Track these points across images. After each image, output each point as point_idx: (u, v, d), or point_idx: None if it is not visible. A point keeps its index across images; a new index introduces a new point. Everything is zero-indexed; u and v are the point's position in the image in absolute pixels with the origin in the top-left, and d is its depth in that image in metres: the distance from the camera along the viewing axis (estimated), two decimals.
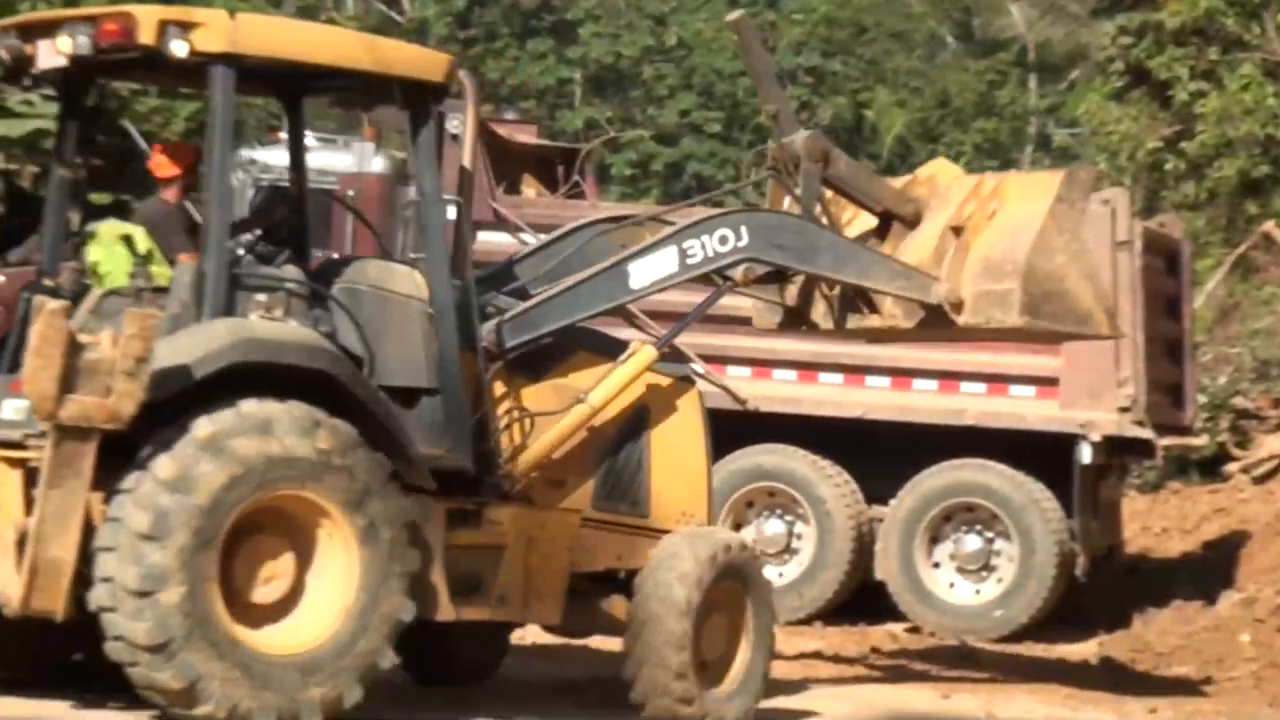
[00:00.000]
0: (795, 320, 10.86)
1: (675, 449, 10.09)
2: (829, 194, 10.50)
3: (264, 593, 8.73)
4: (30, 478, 8.53)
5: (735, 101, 46.51)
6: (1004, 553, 15.23)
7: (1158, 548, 18.70)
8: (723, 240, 9.92)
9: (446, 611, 9.20)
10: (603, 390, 9.74)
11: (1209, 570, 16.58)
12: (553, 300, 9.78)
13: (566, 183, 16.70)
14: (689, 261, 9.89)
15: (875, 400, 15.53)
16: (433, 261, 9.47)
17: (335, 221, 14.81)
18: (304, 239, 10.04)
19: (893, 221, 10.57)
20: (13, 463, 8.65)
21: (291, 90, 10.03)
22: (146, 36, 8.90)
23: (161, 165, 10.07)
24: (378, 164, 15.14)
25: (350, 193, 14.46)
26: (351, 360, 9.14)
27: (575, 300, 9.80)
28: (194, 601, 8.35)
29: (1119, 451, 15.83)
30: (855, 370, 15.47)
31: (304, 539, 8.79)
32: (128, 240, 9.52)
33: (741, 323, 11.98)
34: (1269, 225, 25.61)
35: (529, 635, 11.11)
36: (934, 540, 15.39)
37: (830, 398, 15.49)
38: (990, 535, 15.32)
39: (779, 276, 10.54)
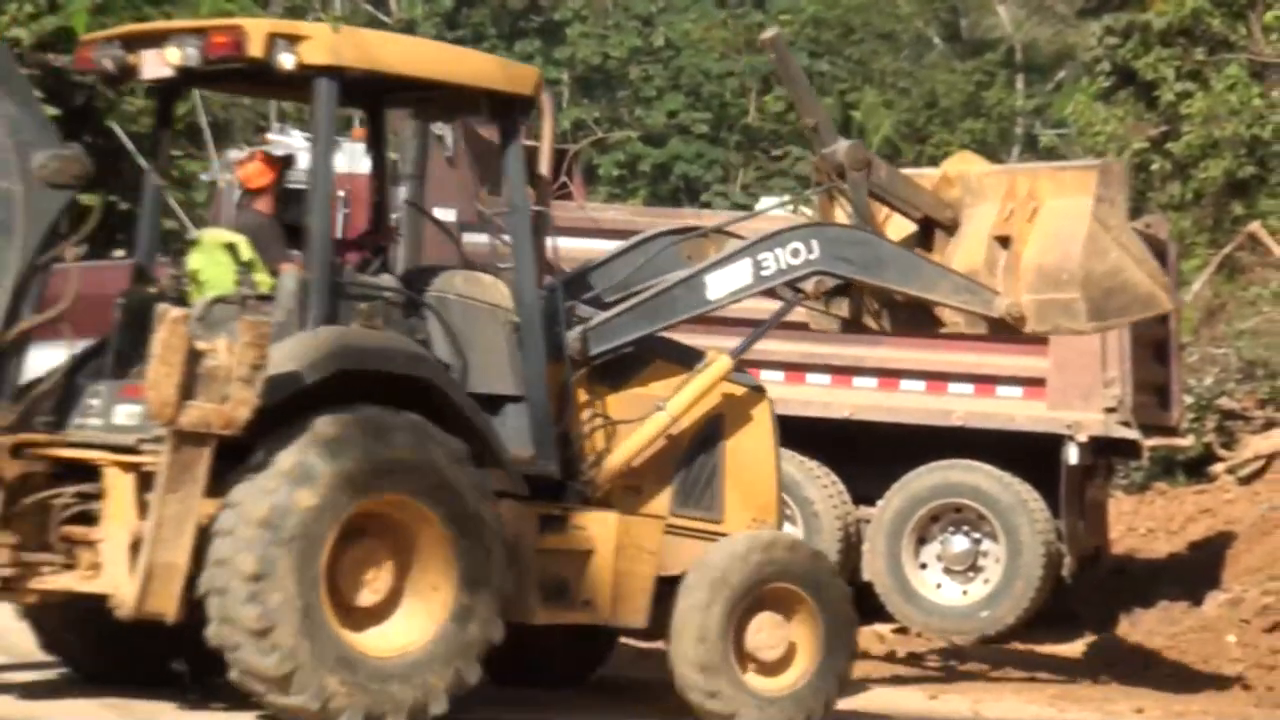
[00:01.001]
0: (853, 326, 11.04)
1: (747, 455, 10.25)
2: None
3: (364, 595, 8.93)
4: (144, 482, 8.67)
5: (723, 102, 46.53)
6: (991, 553, 15.24)
7: (1144, 548, 18.73)
8: (794, 253, 10.11)
9: (536, 616, 9.43)
10: (680, 399, 9.94)
11: (1195, 571, 16.60)
12: (634, 310, 9.96)
13: (554, 183, 16.70)
14: (763, 273, 10.10)
15: (863, 401, 15.53)
16: (520, 271, 9.65)
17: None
18: (391, 246, 10.25)
19: (934, 228, 10.74)
20: (126, 467, 8.77)
21: (378, 100, 10.21)
22: (255, 49, 9.09)
23: (255, 175, 10.13)
24: (368, 164, 15.12)
25: (342, 193, 14.46)
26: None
27: (655, 310, 9.99)
28: (301, 593, 8.54)
29: (1105, 452, 15.87)
30: (843, 371, 15.48)
31: (406, 546, 8.97)
32: (230, 248, 9.63)
33: (729, 324, 11.96)
34: (1254, 226, 25.65)
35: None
36: (921, 541, 15.40)
37: (818, 399, 15.49)
38: (977, 536, 15.33)
39: (847, 289, 10.66)
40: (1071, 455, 14.90)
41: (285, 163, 10.24)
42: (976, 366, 15.14)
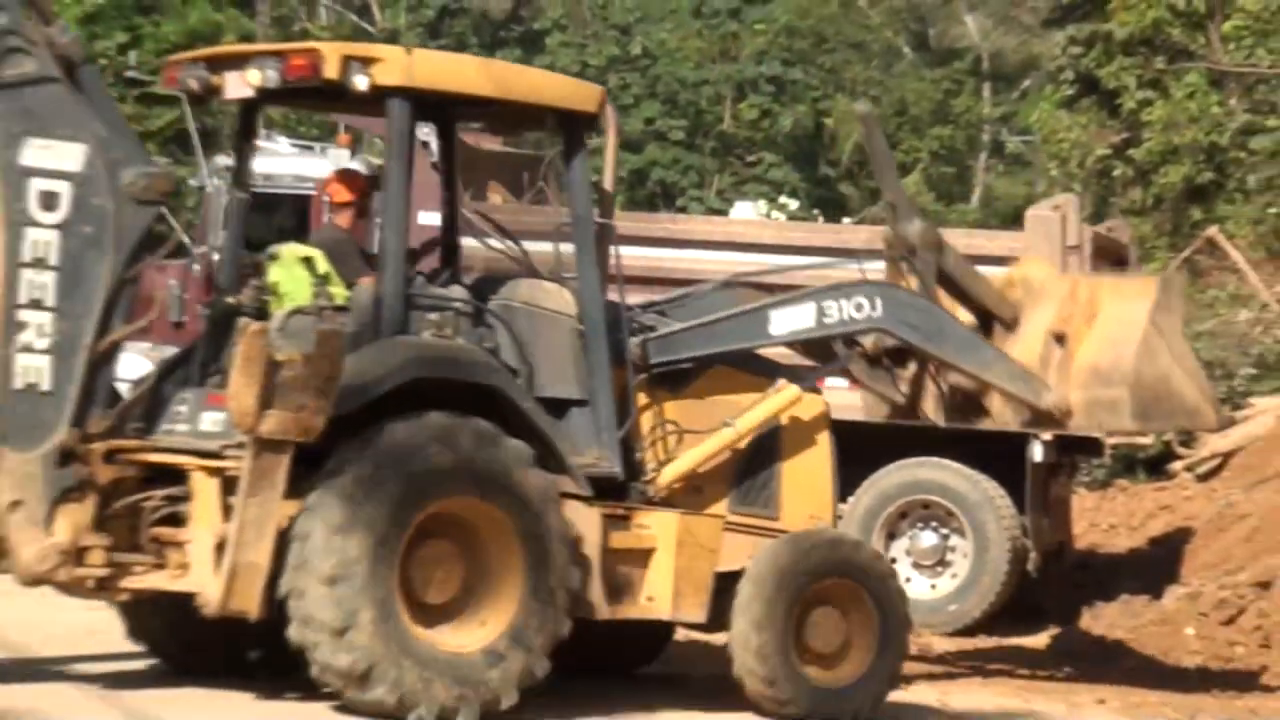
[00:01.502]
0: (905, 412, 11.09)
1: (804, 457, 10.33)
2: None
3: (436, 593, 9.06)
4: (227, 486, 8.83)
5: (698, 109, 46.53)
6: (959, 549, 15.25)
7: (1106, 543, 18.77)
8: (859, 307, 10.21)
9: (601, 611, 9.51)
10: (747, 420, 10.03)
11: (1155, 565, 16.65)
12: (697, 330, 10.10)
13: (531, 189, 16.70)
14: (825, 320, 10.22)
15: (833, 400, 15.51)
16: (584, 279, 9.77)
17: (313, 224, 14.77)
18: (457, 257, 10.35)
19: (993, 322, 10.80)
20: (210, 471, 8.92)
21: (448, 117, 10.34)
22: (331, 71, 9.25)
23: (337, 192, 10.34)
24: (353, 170, 15.14)
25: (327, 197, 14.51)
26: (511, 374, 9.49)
27: (716, 334, 10.14)
28: (376, 593, 8.70)
29: (1069, 450, 15.87)
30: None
31: (475, 546, 9.10)
32: (308, 262, 9.75)
33: None
34: (1212, 230, 25.69)
35: None
36: (891, 536, 15.40)
37: None
38: (946, 532, 15.34)
39: (902, 357, 10.74)
40: (1037, 453, 14.90)
41: (369, 181, 10.47)
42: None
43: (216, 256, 14.53)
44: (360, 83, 9.26)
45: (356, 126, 16.14)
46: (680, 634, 10.94)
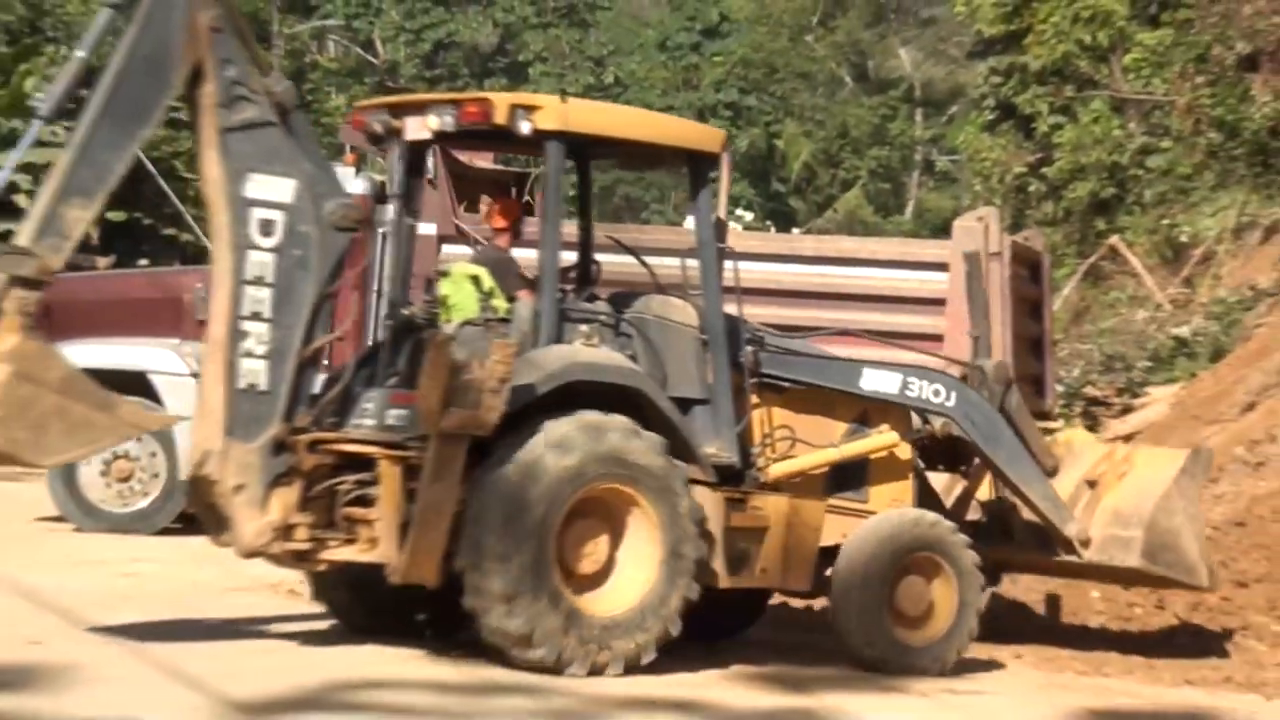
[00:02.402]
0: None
1: (888, 456, 10.42)
2: None
3: (586, 564, 9.20)
4: (409, 473, 9.00)
5: None
6: None
7: None
8: (936, 392, 10.34)
9: (723, 581, 9.67)
10: (850, 448, 10.22)
11: None
12: (801, 357, 10.31)
13: (519, 201, 16.63)
14: (906, 392, 10.32)
15: None
16: (708, 295, 9.89)
17: None
18: (593, 275, 10.47)
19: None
20: (394, 460, 9.07)
21: (586, 155, 10.43)
22: (500, 118, 9.42)
23: (496, 218, 10.50)
24: (358, 185, 15.03)
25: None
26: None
27: (815, 366, 10.31)
28: (538, 566, 8.90)
29: None
30: None
31: (619, 524, 9.25)
32: (475, 279, 9.92)
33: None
34: (1114, 240, 25.82)
35: None
36: None
37: None
38: None
39: (956, 458, 10.78)
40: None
41: (524, 209, 10.67)
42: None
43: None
44: (524, 127, 9.42)
45: (361, 146, 15.99)
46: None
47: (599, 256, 10.52)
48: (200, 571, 12.34)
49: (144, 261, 23.07)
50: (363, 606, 9.86)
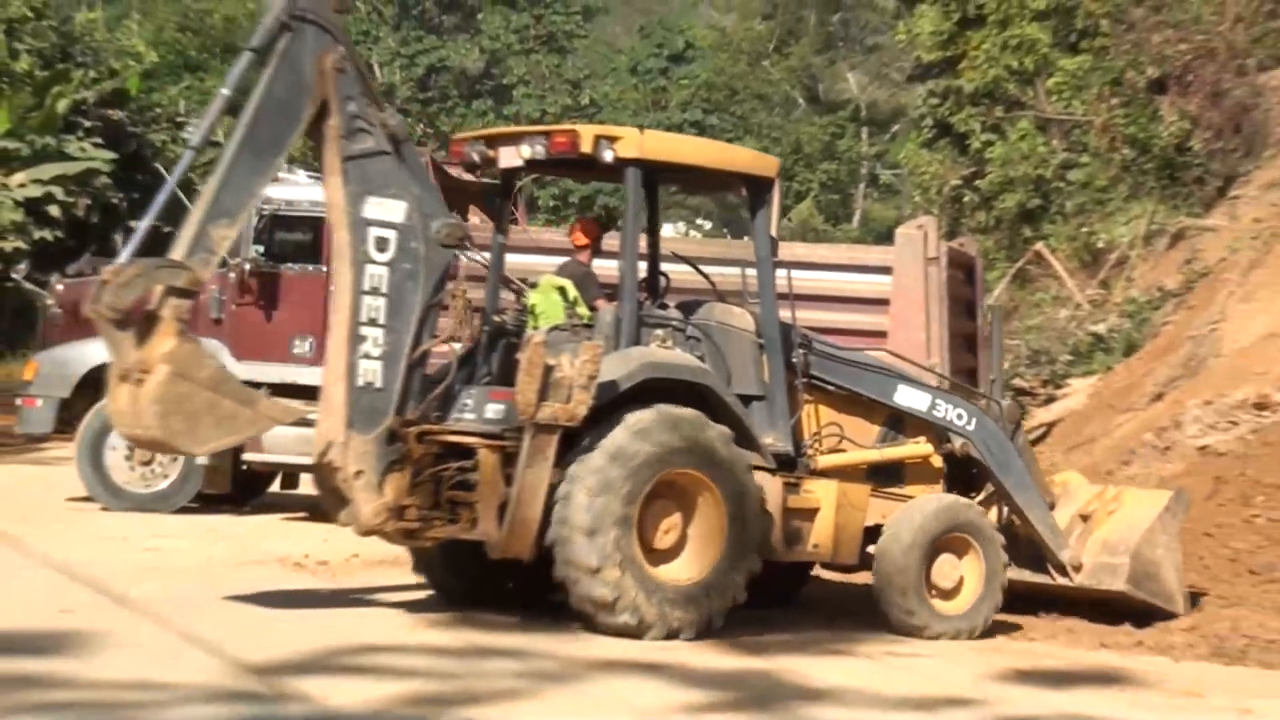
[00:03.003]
0: None
1: (925, 458, 10.59)
2: None
3: (662, 540, 9.36)
4: (506, 460, 9.22)
5: None
6: None
7: None
8: (959, 416, 10.54)
9: (781, 555, 9.90)
10: (890, 452, 10.42)
11: None
12: (843, 363, 10.43)
13: (504, 212, 16.60)
14: (933, 412, 10.52)
15: None
16: (765, 304, 10.06)
17: (325, 247, 14.61)
18: (662, 286, 10.61)
19: None
20: (493, 449, 9.30)
21: (658, 180, 10.58)
22: (586, 147, 9.62)
23: (578, 236, 10.77)
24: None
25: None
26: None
27: (854, 375, 10.43)
28: (622, 539, 9.06)
29: None
30: None
31: (690, 504, 9.42)
32: (561, 290, 10.11)
33: None
34: (1040, 246, 25.83)
35: None
36: None
37: None
38: None
39: (971, 486, 10.83)
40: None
41: (602, 228, 10.90)
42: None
43: (247, 267, 14.45)
44: (607, 156, 9.60)
45: None
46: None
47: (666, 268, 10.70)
48: (214, 547, 12.35)
49: None
50: (458, 579, 10.05)
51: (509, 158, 9.96)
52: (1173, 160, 24.25)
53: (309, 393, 14.33)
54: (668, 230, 26.31)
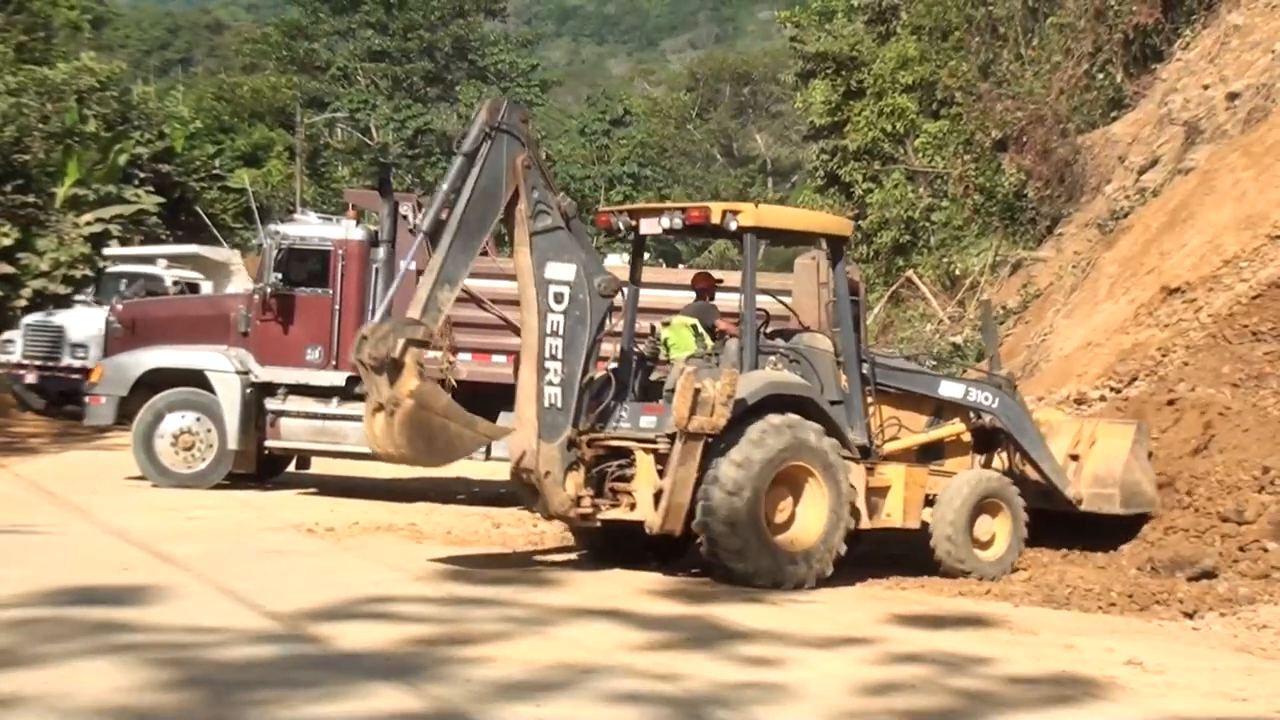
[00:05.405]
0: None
1: (959, 435, 11.06)
2: None
3: (780, 517, 9.81)
4: (657, 459, 9.76)
5: (583, 195, 46.60)
6: None
7: None
8: (986, 397, 11.04)
9: (865, 523, 10.31)
10: (937, 432, 10.94)
11: None
12: (897, 371, 10.89)
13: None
14: (967, 396, 11.04)
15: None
16: (844, 333, 10.44)
17: (331, 274, 14.48)
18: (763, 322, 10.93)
19: None
20: (648, 451, 9.86)
21: (765, 240, 10.91)
22: (715, 219, 10.03)
23: (700, 283, 11.21)
24: (358, 233, 14.85)
25: (340, 251, 14.19)
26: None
27: (910, 378, 10.92)
28: (750, 513, 9.56)
29: None
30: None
31: (799, 488, 9.88)
32: (693, 327, 10.57)
33: None
34: (910, 273, 26.05)
35: None
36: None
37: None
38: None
39: (992, 446, 11.25)
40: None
41: (716, 281, 11.26)
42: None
43: (268, 291, 14.28)
44: (731, 225, 9.97)
45: (360, 205, 15.76)
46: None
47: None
48: (242, 515, 12.24)
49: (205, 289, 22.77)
50: (611, 546, 10.38)
51: (650, 226, 10.33)
52: (1012, 205, 24.54)
53: (319, 392, 14.36)
54: (613, 259, 26.28)
